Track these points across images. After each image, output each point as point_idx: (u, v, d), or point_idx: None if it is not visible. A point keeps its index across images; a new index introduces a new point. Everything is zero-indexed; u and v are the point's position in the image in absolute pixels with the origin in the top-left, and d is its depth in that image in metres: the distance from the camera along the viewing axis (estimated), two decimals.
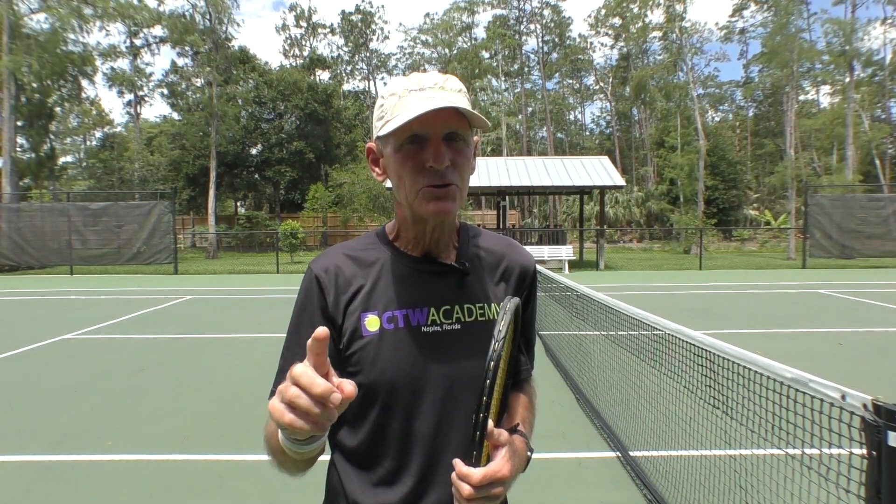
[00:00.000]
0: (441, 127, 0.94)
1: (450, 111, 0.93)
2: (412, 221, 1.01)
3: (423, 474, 0.99)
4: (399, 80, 0.97)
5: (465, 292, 1.03)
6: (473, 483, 0.81)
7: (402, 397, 0.98)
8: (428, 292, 1.01)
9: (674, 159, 32.87)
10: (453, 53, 49.72)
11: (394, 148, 0.96)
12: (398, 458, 0.99)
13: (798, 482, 1.88)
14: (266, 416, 0.99)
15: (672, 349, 2.87)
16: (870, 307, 9.92)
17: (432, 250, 1.04)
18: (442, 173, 0.94)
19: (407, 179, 0.96)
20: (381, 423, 0.99)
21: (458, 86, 0.97)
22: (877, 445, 1.27)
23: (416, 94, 0.93)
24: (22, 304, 11.37)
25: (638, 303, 3.72)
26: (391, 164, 0.98)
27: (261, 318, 9.33)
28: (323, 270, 1.02)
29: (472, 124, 0.98)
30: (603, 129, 57.55)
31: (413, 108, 0.90)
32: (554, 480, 3.41)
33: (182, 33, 28.00)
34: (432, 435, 0.98)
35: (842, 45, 26.27)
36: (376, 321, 0.98)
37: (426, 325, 0.99)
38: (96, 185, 31.72)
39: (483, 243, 1.10)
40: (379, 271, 1.02)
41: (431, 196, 0.95)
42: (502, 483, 0.84)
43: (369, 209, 28.25)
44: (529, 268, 1.12)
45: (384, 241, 1.07)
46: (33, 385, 5.55)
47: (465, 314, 1.02)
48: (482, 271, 1.07)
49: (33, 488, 3.38)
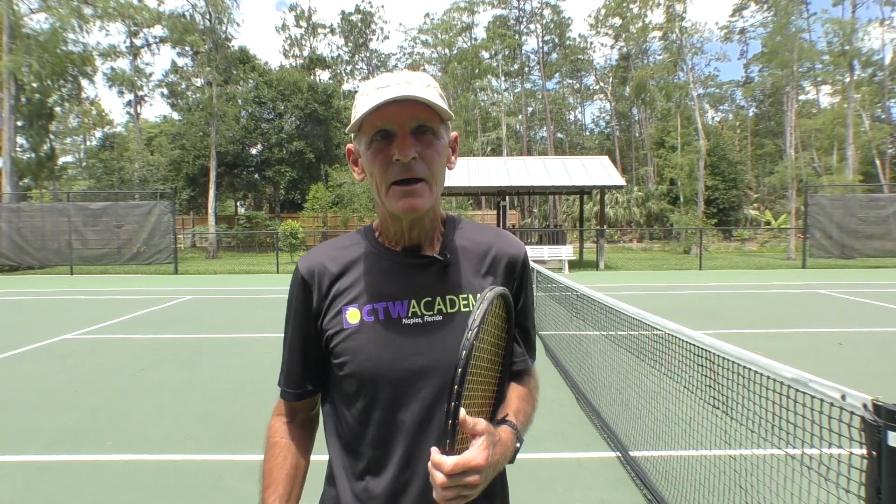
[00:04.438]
0: (408, 120, 0.95)
1: (417, 105, 0.94)
2: (391, 218, 1.03)
3: (406, 464, 1.00)
4: (370, 80, 1.00)
5: (448, 283, 1.03)
6: (445, 471, 0.81)
7: (385, 388, 0.99)
8: (408, 285, 1.02)
9: (674, 159, 32.86)
10: (453, 53, 49.72)
11: (365, 145, 0.99)
12: (382, 448, 1.01)
13: (798, 482, 1.88)
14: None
15: (672, 349, 2.87)
16: (870, 307, 9.92)
17: (413, 244, 1.05)
18: (408, 166, 0.95)
19: (377, 174, 0.98)
20: (366, 414, 1.01)
21: (427, 81, 0.98)
22: (877, 445, 1.27)
23: (382, 90, 0.94)
24: (22, 304, 11.37)
25: (638, 303, 3.71)
26: (365, 161, 1.00)
27: (261, 319, 9.33)
28: (307, 269, 1.06)
29: (443, 118, 1.00)
30: (603, 129, 57.56)
31: (374, 102, 0.93)
32: (554, 480, 3.41)
33: (182, 33, 27.98)
34: (415, 425, 0.99)
35: (842, 45, 26.26)
36: (357, 314, 1.01)
37: (407, 317, 1.01)
38: (96, 185, 31.72)
39: (469, 234, 1.10)
40: (361, 266, 1.05)
41: (400, 194, 0.96)
42: (477, 472, 0.83)
43: (369, 209, 28.26)
44: (518, 257, 1.10)
45: (368, 237, 1.09)
46: (33, 385, 5.55)
47: (447, 305, 1.02)
48: (467, 262, 1.06)
49: (33, 488, 3.38)
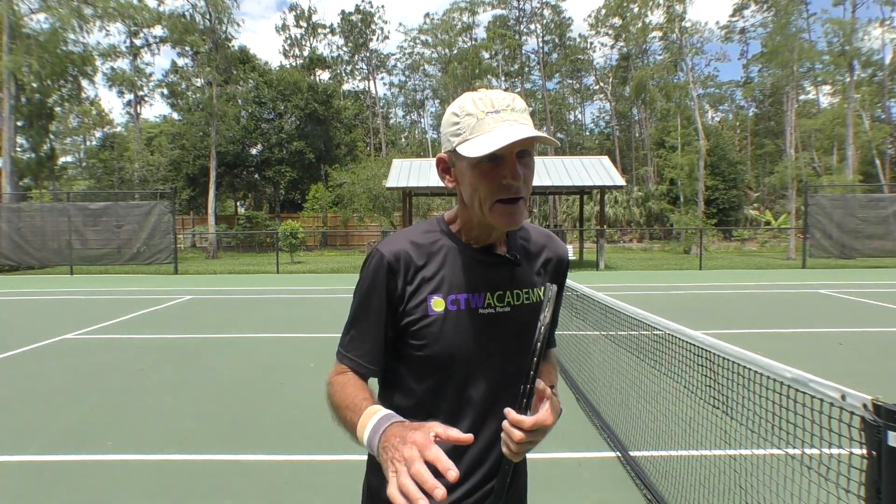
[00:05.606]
0: (517, 147, 1.05)
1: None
2: (477, 224, 1.15)
3: (471, 433, 1.06)
4: (470, 97, 1.09)
5: (515, 280, 1.19)
6: (525, 428, 0.98)
7: (459, 368, 1.13)
8: (485, 279, 1.16)
9: (674, 159, 32.85)
10: (453, 53, 49.67)
11: (470, 164, 1.08)
12: (449, 419, 1.07)
13: (798, 482, 1.88)
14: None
15: (672, 349, 2.87)
16: (870, 307, 9.92)
17: (492, 243, 1.19)
18: (515, 188, 1.07)
19: (483, 193, 1.08)
20: (438, 389, 1.14)
21: (523, 105, 1.09)
22: (877, 445, 1.27)
23: (493, 116, 1.05)
24: (22, 304, 11.37)
25: (638, 303, 3.71)
26: (467, 176, 1.10)
27: (261, 319, 9.33)
28: (393, 255, 1.14)
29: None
30: (603, 129, 57.55)
31: (498, 136, 1.02)
32: (554, 480, 3.41)
33: (182, 33, 27.96)
34: (482, 400, 1.14)
35: (842, 45, 26.25)
36: (441, 302, 1.13)
37: (483, 307, 1.15)
38: (96, 185, 31.70)
39: (527, 235, 1.27)
40: (444, 259, 1.16)
41: (504, 211, 1.08)
42: (545, 431, 1.01)
43: (369, 209, 28.24)
44: (565, 258, 1.31)
45: (446, 231, 1.19)
46: (33, 385, 5.55)
47: (514, 298, 1.18)
48: (527, 261, 1.23)
49: (33, 488, 3.38)
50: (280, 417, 4.50)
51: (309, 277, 16.79)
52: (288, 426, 4.35)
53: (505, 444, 1.01)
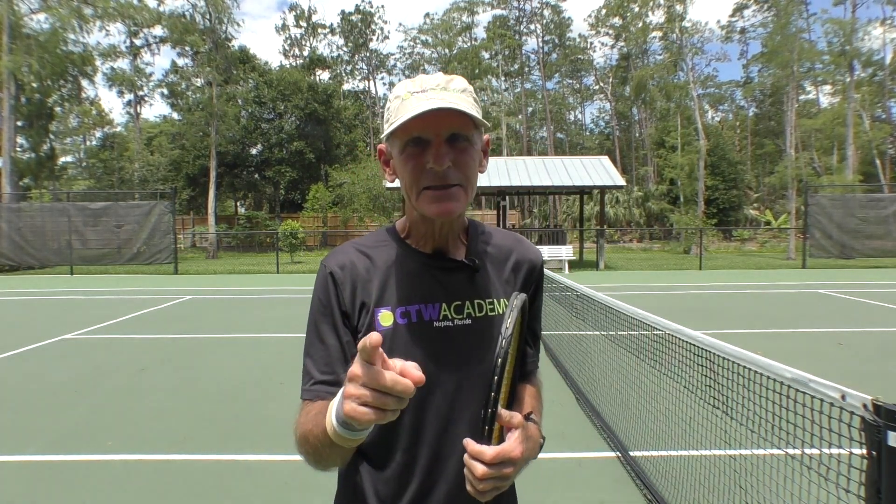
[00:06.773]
0: (443, 129, 0.95)
1: (451, 113, 0.93)
2: (420, 220, 1.03)
3: (432, 466, 1.00)
4: (404, 82, 0.99)
5: (475, 288, 1.05)
6: (486, 460, 0.82)
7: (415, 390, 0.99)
8: (439, 288, 1.03)
9: (674, 159, 32.85)
10: (453, 53, 49.70)
11: (398, 150, 0.99)
12: (409, 451, 1.00)
13: (798, 482, 1.88)
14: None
15: (672, 349, 2.87)
16: (870, 307, 9.92)
17: (442, 247, 1.06)
18: (443, 174, 0.95)
19: (408, 180, 0.98)
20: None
21: (463, 86, 0.98)
22: (877, 445, 1.27)
23: (418, 95, 0.94)
24: (22, 304, 11.37)
25: (638, 303, 3.72)
26: (397, 165, 1.00)
27: (261, 319, 9.33)
28: (338, 266, 1.03)
29: (477, 124, 0.99)
30: (603, 129, 57.56)
31: (411, 111, 0.92)
32: (554, 480, 3.41)
33: (182, 33, 27.98)
34: (441, 426, 1.00)
35: (842, 45, 26.26)
36: (390, 316, 1.00)
37: (438, 320, 1.01)
38: (96, 185, 31.68)
39: (491, 240, 1.13)
40: (391, 267, 1.04)
41: (433, 198, 0.96)
42: (513, 463, 0.85)
43: (369, 209, 28.26)
44: (537, 263, 1.15)
45: (395, 237, 1.08)
46: (33, 385, 5.55)
47: (475, 309, 1.04)
48: (491, 267, 1.09)
49: (33, 488, 3.38)
50: (280, 417, 4.49)
51: (309, 277, 16.78)
52: (288, 426, 4.30)
53: (468, 480, 0.85)
